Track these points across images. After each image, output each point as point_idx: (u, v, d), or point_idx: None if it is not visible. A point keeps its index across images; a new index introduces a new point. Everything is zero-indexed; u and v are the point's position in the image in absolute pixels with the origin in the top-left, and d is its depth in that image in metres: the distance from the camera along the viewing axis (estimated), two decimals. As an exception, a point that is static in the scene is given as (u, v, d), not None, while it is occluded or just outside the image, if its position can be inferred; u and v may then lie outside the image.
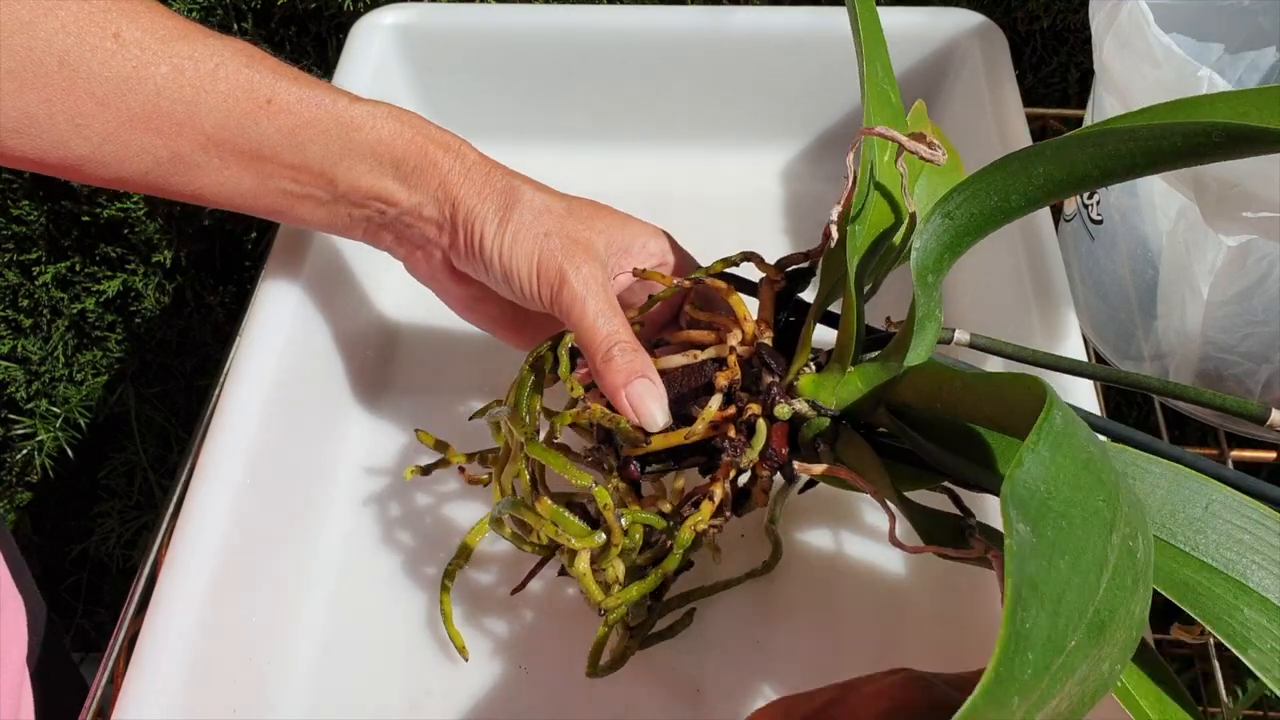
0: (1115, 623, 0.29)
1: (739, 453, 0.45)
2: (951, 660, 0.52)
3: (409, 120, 0.51)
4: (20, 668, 0.54)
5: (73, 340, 0.97)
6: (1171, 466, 0.41)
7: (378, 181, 0.50)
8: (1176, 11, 0.61)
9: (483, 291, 0.54)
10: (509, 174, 0.52)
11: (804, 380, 0.46)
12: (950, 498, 0.46)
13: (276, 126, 0.48)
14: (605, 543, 0.46)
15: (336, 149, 0.49)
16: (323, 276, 0.60)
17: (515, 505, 0.48)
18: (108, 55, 0.45)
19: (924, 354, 0.45)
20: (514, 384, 0.51)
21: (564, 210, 0.51)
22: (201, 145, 0.48)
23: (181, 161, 0.48)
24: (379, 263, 0.67)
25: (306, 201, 0.51)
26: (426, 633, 0.54)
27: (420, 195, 0.51)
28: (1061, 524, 0.29)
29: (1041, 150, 0.41)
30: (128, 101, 0.45)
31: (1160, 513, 0.40)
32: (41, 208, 0.91)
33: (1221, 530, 0.39)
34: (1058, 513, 0.30)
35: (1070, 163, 0.41)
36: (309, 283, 0.59)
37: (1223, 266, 0.54)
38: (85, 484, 1.03)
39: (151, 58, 0.46)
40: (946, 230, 0.43)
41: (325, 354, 0.60)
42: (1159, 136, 0.39)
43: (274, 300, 0.57)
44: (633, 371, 0.48)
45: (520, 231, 0.50)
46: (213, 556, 0.48)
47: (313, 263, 0.59)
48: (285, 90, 0.48)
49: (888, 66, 0.50)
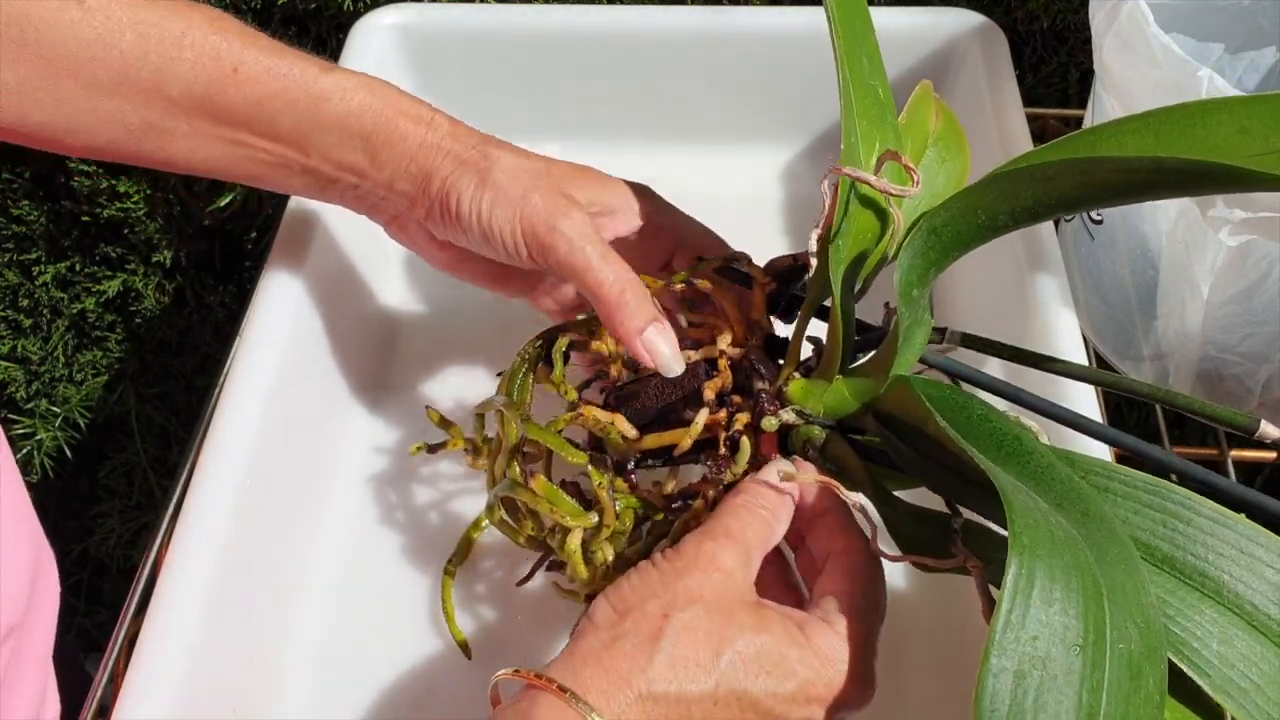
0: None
1: (722, 470, 0.46)
2: (946, 660, 0.52)
3: (379, 91, 0.50)
4: (46, 660, 0.54)
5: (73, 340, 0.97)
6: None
7: (348, 155, 0.50)
8: (1176, 11, 0.61)
9: (465, 253, 0.53)
10: (483, 139, 0.51)
11: (793, 386, 0.46)
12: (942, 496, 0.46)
13: (244, 95, 0.48)
14: (598, 524, 0.47)
15: (305, 121, 0.49)
16: (323, 275, 0.60)
17: (511, 486, 0.48)
18: (72, 23, 0.44)
19: (910, 363, 0.45)
20: (506, 376, 0.51)
21: (542, 169, 0.50)
22: (170, 112, 0.47)
23: (152, 128, 0.48)
24: (379, 261, 0.68)
25: (280, 169, 0.50)
26: (428, 632, 0.54)
27: (391, 169, 0.50)
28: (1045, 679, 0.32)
29: (1031, 173, 0.41)
30: (94, 69, 0.45)
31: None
32: (41, 208, 0.91)
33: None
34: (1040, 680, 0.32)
35: (1059, 188, 0.40)
36: (309, 282, 0.59)
37: (1223, 266, 0.54)
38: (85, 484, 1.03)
39: (116, 25, 0.45)
40: (933, 247, 0.43)
41: (325, 354, 0.60)
42: (1151, 170, 0.38)
43: (274, 300, 0.57)
44: (647, 315, 0.47)
45: (498, 195, 0.49)
46: (213, 556, 0.48)
47: (313, 262, 0.59)
48: (252, 59, 0.48)
49: (875, 59, 0.49)
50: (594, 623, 0.40)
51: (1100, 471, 0.41)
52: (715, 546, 0.41)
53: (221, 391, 0.54)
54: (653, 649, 0.38)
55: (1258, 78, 0.65)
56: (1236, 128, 0.39)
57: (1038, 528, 0.34)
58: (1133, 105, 0.54)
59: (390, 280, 0.69)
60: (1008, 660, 0.32)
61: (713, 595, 0.39)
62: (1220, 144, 0.39)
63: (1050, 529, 0.34)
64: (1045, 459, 0.39)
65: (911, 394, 0.41)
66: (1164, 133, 0.41)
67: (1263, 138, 0.38)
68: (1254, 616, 0.38)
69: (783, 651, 0.39)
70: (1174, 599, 0.38)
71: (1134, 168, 0.39)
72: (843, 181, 0.45)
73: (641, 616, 0.39)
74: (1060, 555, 0.33)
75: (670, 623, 0.38)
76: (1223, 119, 0.40)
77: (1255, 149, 0.38)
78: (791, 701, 0.39)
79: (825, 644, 0.40)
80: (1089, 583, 0.33)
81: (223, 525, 0.49)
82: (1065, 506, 0.37)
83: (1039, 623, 0.32)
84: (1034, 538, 0.33)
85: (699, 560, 0.40)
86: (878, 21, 0.51)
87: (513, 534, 0.51)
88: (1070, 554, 0.34)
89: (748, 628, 0.39)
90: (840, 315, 0.45)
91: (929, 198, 0.51)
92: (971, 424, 0.42)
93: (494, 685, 0.40)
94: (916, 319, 0.44)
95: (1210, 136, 0.40)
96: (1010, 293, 0.59)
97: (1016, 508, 0.34)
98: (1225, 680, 0.37)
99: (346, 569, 0.56)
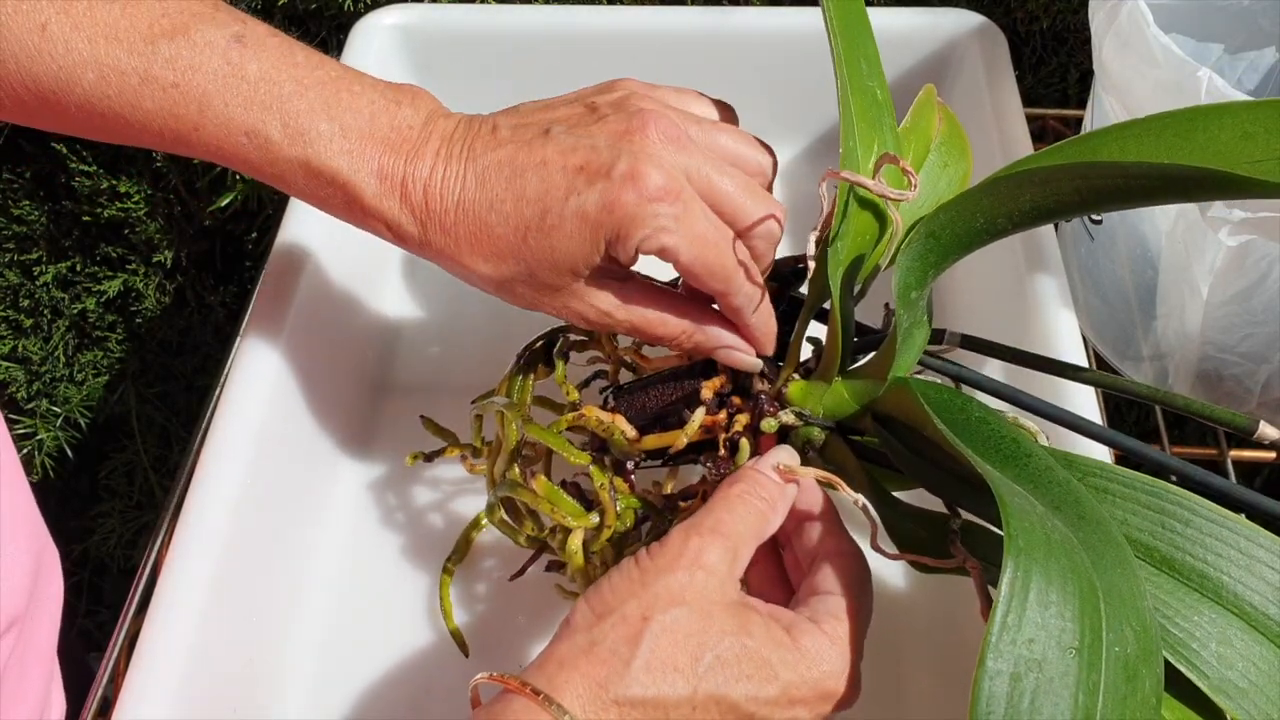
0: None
1: (721, 472, 0.46)
2: (947, 659, 0.52)
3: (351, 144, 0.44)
4: (51, 659, 0.54)
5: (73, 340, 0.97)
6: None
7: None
8: (1176, 12, 0.61)
9: None
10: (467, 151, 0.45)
11: (793, 387, 0.46)
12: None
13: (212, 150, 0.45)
14: (599, 524, 0.47)
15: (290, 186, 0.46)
16: (325, 275, 0.60)
17: (512, 486, 0.48)
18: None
19: (909, 364, 0.45)
20: (505, 377, 0.51)
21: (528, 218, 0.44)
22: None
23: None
24: (382, 261, 0.68)
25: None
26: (427, 631, 0.54)
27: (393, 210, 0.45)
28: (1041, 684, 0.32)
29: (1030, 177, 0.41)
30: (66, 105, 0.43)
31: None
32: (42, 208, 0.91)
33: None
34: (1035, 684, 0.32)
35: (1058, 192, 0.40)
36: (311, 282, 0.59)
37: (1222, 267, 0.54)
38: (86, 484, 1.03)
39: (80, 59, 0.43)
40: (931, 250, 0.43)
41: (327, 353, 0.60)
42: (1150, 176, 0.38)
43: (275, 300, 0.57)
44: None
45: (487, 276, 0.44)
46: (213, 556, 0.48)
47: (315, 262, 0.59)
48: (230, 116, 0.44)
49: (873, 61, 0.49)
50: (572, 625, 0.39)
51: (1099, 473, 0.41)
52: (701, 543, 0.40)
53: (222, 391, 0.54)
54: (630, 653, 0.37)
55: (1257, 78, 0.65)
56: (1239, 133, 0.39)
57: (1034, 530, 0.34)
58: (1132, 106, 0.54)
59: (392, 281, 0.69)
60: (1004, 663, 0.32)
61: (695, 596, 0.39)
62: (1222, 149, 0.39)
63: (1046, 532, 0.34)
64: (1043, 462, 0.39)
65: (910, 396, 0.41)
66: (1165, 137, 0.40)
67: (1265, 143, 0.38)
68: (1253, 617, 0.38)
69: (766, 654, 0.38)
70: (1173, 600, 0.38)
71: (1134, 173, 0.38)
72: (841, 185, 0.45)
73: (620, 619, 0.38)
74: (1056, 558, 0.33)
75: (649, 625, 0.38)
76: (1225, 124, 0.39)
77: (1258, 154, 0.38)
78: (774, 705, 0.38)
79: (811, 645, 0.39)
80: (1085, 585, 0.34)
81: (223, 525, 0.49)
82: (1062, 509, 0.37)
83: (1035, 625, 0.32)
84: (1030, 540, 0.33)
85: (683, 557, 0.40)
86: (877, 22, 0.51)
87: (513, 534, 0.51)
88: (1066, 557, 0.34)
89: (729, 631, 0.38)
90: (839, 317, 0.45)
91: (931, 202, 0.51)
92: (970, 426, 0.42)
93: (474, 688, 0.40)
94: (915, 321, 0.44)
95: (1212, 142, 0.39)
96: (1010, 293, 0.59)
97: (1013, 510, 0.34)
98: (1224, 681, 0.37)
99: (346, 568, 0.57)
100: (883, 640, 0.53)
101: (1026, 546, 0.33)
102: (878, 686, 0.41)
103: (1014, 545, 0.33)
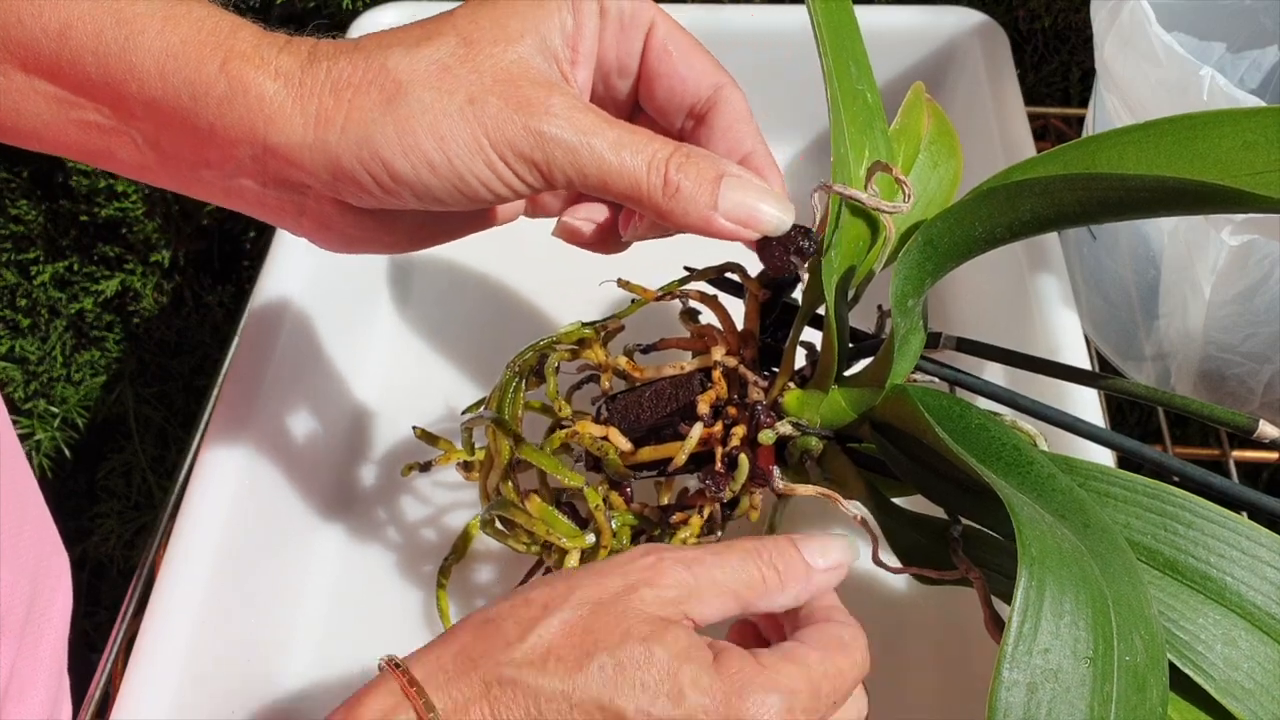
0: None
1: (720, 488, 0.45)
2: (952, 665, 0.52)
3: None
4: (59, 663, 0.53)
5: (71, 340, 0.97)
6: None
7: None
8: (1178, 10, 0.61)
9: (391, 217, 0.42)
10: (364, 56, 0.41)
11: (789, 397, 0.46)
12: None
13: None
14: (595, 544, 0.46)
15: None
16: (322, 276, 0.60)
17: (504, 505, 0.47)
18: None
19: (906, 371, 0.45)
20: (496, 388, 0.49)
21: (459, 50, 0.38)
22: None
23: None
24: (381, 261, 0.67)
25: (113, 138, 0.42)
26: (426, 631, 0.54)
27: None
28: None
29: (1029, 187, 0.40)
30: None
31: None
32: (39, 207, 0.91)
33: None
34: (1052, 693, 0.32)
35: (1058, 202, 0.40)
36: (308, 282, 0.58)
37: (1224, 266, 0.54)
38: (84, 484, 1.03)
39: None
40: (929, 258, 0.43)
41: (326, 355, 0.60)
42: (1151, 188, 0.37)
43: (272, 300, 0.57)
44: (707, 176, 0.38)
45: (438, 124, 0.37)
46: (212, 557, 0.48)
47: (312, 262, 0.59)
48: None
49: (863, 64, 0.48)
50: (481, 609, 0.36)
51: (1100, 476, 0.41)
52: (660, 564, 0.35)
53: (220, 391, 0.54)
54: (518, 636, 0.34)
55: (1259, 77, 0.65)
56: (1240, 141, 0.38)
57: (1045, 539, 0.33)
58: (1134, 105, 0.54)
59: (392, 281, 0.68)
60: (1020, 673, 0.32)
61: (618, 603, 0.34)
62: (1223, 158, 0.38)
63: (1057, 541, 0.34)
64: (1045, 469, 0.39)
65: (909, 404, 0.41)
66: (1165, 144, 0.40)
67: (1267, 153, 0.37)
68: (1257, 617, 0.38)
69: (675, 669, 0.33)
70: (1177, 603, 0.38)
71: (1134, 185, 0.38)
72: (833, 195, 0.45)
73: (524, 603, 0.35)
74: (1068, 567, 0.33)
75: (549, 614, 0.34)
76: (1226, 131, 0.39)
77: (1259, 165, 0.37)
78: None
79: (739, 674, 0.34)
80: (1096, 594, 0.33)
81: (221, 526, 0.49)
82: (1068, 517, 0.37)
83: (1050, 634, 0.32)
84: (1043, 549, 0.33)
85: (631, 568, 0.35)
86: (877, 20, 0.50)
87: (510, 541, 0.50)
88: (1077, 565, 0.33)
89: (639, 637, 0.33)
90: (835, 325, 0.44)
91: (922, 202, 0.51)
92: (970, 433, 0.41)
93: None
94: (912, 327, 0.44)
95: (1213, 150, 0.39)
96: (1012, 293, 0.59)
97: (1024, 519, 0.34)
98: (1230, 682, 0.37)
99: (344, 569, 0.56)
100: (886, 640, 0.53)
101: (1040, 555, 0.33)
102: (879, 691, 0.41)
103: (1027, 554, 0.33)
